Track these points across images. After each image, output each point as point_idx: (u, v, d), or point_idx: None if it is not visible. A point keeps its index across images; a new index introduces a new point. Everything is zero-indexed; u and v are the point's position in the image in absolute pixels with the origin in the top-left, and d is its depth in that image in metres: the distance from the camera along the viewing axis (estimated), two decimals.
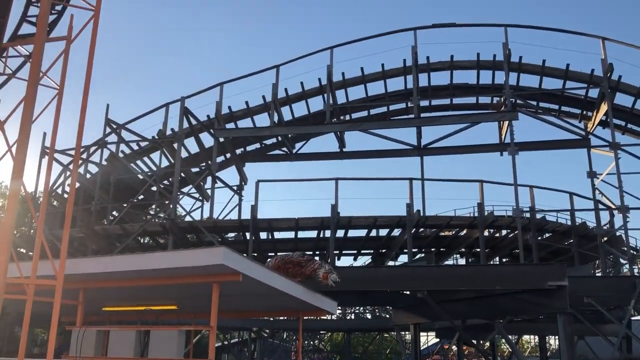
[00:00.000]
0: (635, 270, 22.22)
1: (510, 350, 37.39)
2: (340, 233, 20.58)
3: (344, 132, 22.78)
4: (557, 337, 19.48)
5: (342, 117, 23.96)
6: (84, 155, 22.19)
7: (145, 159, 23.15)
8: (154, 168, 22.70)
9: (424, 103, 23.50)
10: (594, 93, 21.27)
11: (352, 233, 21.30)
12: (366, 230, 20.94)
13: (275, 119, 21.96)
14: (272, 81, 22.07)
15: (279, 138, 23.28)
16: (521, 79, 22.12)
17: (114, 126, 22.10)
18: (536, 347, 43.86)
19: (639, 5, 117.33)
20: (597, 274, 23.79)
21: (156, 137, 22.28)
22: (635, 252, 23.91)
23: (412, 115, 21.54)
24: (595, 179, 20.13)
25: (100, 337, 9.56)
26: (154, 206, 24.26)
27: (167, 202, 21.62)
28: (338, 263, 22.59)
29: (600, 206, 20.13)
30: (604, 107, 20.26)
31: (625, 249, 19.36)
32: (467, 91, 23.54)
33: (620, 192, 18.54)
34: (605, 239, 20.02)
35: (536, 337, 37.73)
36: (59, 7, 13.34)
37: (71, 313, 10.00)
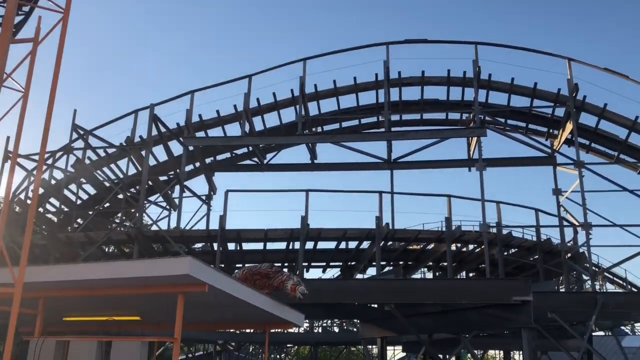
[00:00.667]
0: (597, 287, 22.68)
1: None
2: (309, 245, 20.51)
3: (315, 143, 22.81)
4: (521, 352, 19.69)
5: (314, 129, 23.99)
6: (49, 161, 21.68)
7: (113, 166, 22.72)
8: (121, 175, 22.31)
9: (395, 117, 23.73)
10: (560, 112, 21.77)
11: (322, 245, 21.27)
12: (335, 243, 20.93)
13: (247, 128, 21.86)
14: (244, 91, 22.00)
15: (250, 148, 23.16)
16: (490, 96, 22.51)
17: (81, 132, 21.67)
18: None
19: (604, 28, 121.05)
20: (561, 290, 24.23)
21: (124, 144, 21.93)
22: (597, 269, 24.45)
23: (383, 129, 21.70)
24: (560, 196, 20.54)
25: (59, 348, 9.27)
26: (119, 214, 23.81)
27: (133, 210, 21.24)
28: (307, 275, 22.51)
29: (565, 223, 20.53)
30: (569, 126, 20.74)
31: (588, 265, 19.76)
32: (437, 107, 23.84)
33: (584, 209, 18.95)
34: (569, 255, 20.42)
35: (501, 352, 38.14)
36: (26, 8, 13.09)
37: (30, 323, 9.68)
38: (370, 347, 37.21)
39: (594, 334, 24.30)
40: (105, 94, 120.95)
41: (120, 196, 22.03)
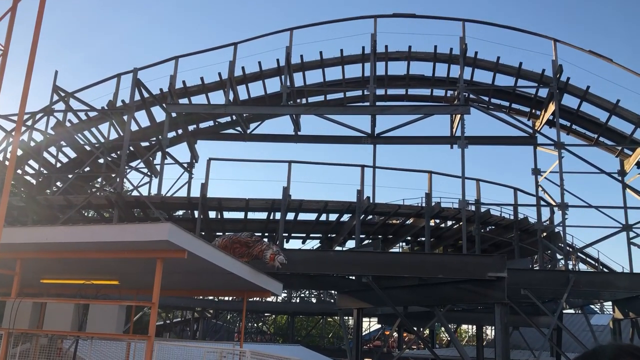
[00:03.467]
0: (570, 266, 23.19)
1: (449, 338, 38.54)
2: (290, 216, 20.62)
3: (299, 115, 22.72)
4: (493, 327, 20.18)
5: (298, 100, 23.87)
6: (29, 122, 21.34)
7: (94, 130, 22.45)
8: (102, 140, 22.07)
9: (380, 92, 23.70)
10: (543, 93, 21.93)
11: (302, 216, 21.40)
12: (316, 215, 21.06)
13: (231, 97, 21.68)
14: (229, 58, 21.76)
15: (234, 117, 23.01)
16: (475, 74, 22.58)
17: (62, 94, 21.33)
18: (473, 337, 45.32)
19: (590, 10, 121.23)
20: (535, 268, 24.75)
21: (106, 108, 21.64)
22: (571, 249, 24.95)
23: (368, 103, 21.68)
24: (539, 176, 20.81)
25: (36, 310, 9.29)
26: (100, 179, 23.63)
27: (114, 175, 21.09)
28: (286, 245, 22.64)
29: (542, 203, 20.86)
30: (551, 107, 20.92)
31: (562, 245, 20.18)
32: (422, 82, 23.85)
33: (562, 190, 19.25)
34: (545, 234, 20.80)
35: (474, 326, 39.03)
36: None
37: (6, 284, 9.67)
38: (346, 318, 37.78)
39: (564, 311, 24.98)
40: (88, 56, 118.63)
41: (101, 160, 21.83)
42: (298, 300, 47.41)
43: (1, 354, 8.76)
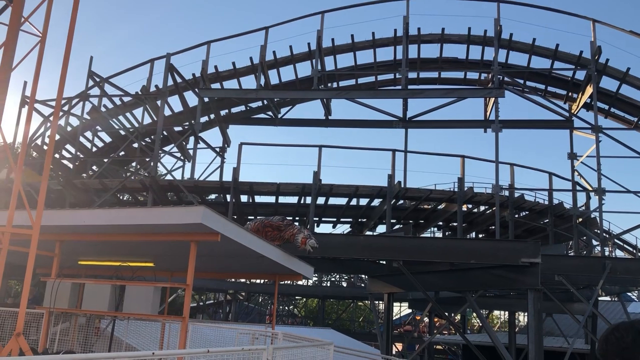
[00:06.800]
0: (607, 252, 22.70)
1: (481, 324, 38.30)
2: (320, 200, 20.66)
3: (330, 99, 22.65)
4: (526, 313, 19.95)
5: (329, 84, 23.78)
6: (66, 108, 21.80)
7: (128, 114, 22.81)
8: (136, 124, 22.41)
9: (412, 75, 23.42)
10: (580, 75, 21.36)
11: (333, 201, 21.41)
12: (347, 199, 21.04)
13: (262, 82, 21.72)
14: (261, 43, 21.76)
15: (265, 102, 23.07)
16: (510, 56, 22.09)
17: (97, 79, 21.69)
18: (505, 323, 44.95)
19: None
20: (570, 254, 24.31)
21: (140, 93, 21.94)
22: (607, 235, 24.42)
23: (400, 87, 21.45)
24: (575, 160, 20.37)
25: (75, 290, 9.57)
26: (134, 163, 24.04)
27: (148, 159, 21.42)
28: (317, 230, 22.74)
29: (578, 188, 20.42)
30: (589, 90, 20.37)
31: (599, 231, 19.76)
32: (455, 65, 23.47)
33: (599, 175, 18.81)
34: (580, 220, 20.39)
35: (506, 312, 38.66)
36: None
37: (46, 265, 9.97)
38: (377, 302, 37.84)
39: (600, 298, 24.53)
40: (122, 42, 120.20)
41: (135, 145, 22.19)
42: (329, 284, 47.68)
43: (43, 331, 9.06)
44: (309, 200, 19.88)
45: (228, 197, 20.14)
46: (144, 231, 7.99)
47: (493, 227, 20.03)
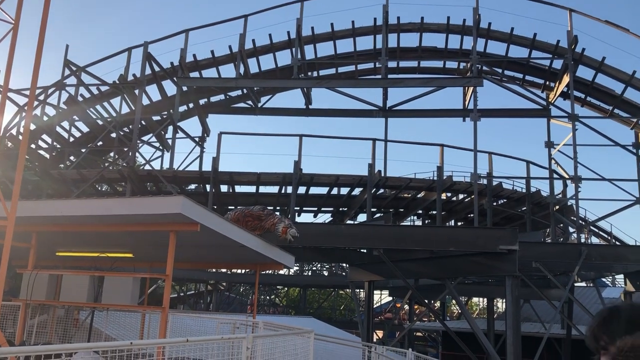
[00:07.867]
0: (583, 239, 23.09)
1: (460, 310, 38.78)
2: (301, 190, 20.66)
3: (310, 88, 22.59)
4: (504, 299, 20.25)
5: (309, 73, 23.70)
6: (41, 97, 21.42)
7: (105, 104, 22.51)
8: (114, 114, 22.13)
9: (392, 64, 23.44)
10: (558, 64, 21.58)
11: (314, 190, 21.45)
12: (327, 188, 21.09)
13: (242, 70, 21.57)
14: (240, 31, 21.59)
15: (244, 90, 22.93)
16: (488, 45, 22.25)
17: (74, 68, 21.34)
18: (484, 309, 45.57)
19: None
20: (547, 241, 24.70)
21: (117, 82, 21.65)
22: (583, 222, 24.83)
23: (380, 76, 21.49)
24: (553, 149, 20.64)
25: (52, 282, 9.45)
26: (112, 153, 23.77)
27: (126, 149, 21.19)
28: (298, 219, 22.77)
29: (555, 176, 20.71)
30: (566, 79, 20.62)
31: (575, 218, 20.09)
32: (434, 54, 23.56)
33: (575, 163, 19.09)
34: (557, 207, 20.71)
35: (485, 299, 39.19)
36: None
37: (23, 257, 9.83)
38: (358, 290, 38.07)
39: (576, 284, 24.99)
40: (98, 30, 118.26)
41: (113, 135, 21.93)
42: (310, 273, 47.82)
43: (19, 324, 8.95)
44: (289, 189, 19.87)
45: (208, 187, 20.04)
46: (123, 222, 7.91)
47: (472, 215, 20.26)
